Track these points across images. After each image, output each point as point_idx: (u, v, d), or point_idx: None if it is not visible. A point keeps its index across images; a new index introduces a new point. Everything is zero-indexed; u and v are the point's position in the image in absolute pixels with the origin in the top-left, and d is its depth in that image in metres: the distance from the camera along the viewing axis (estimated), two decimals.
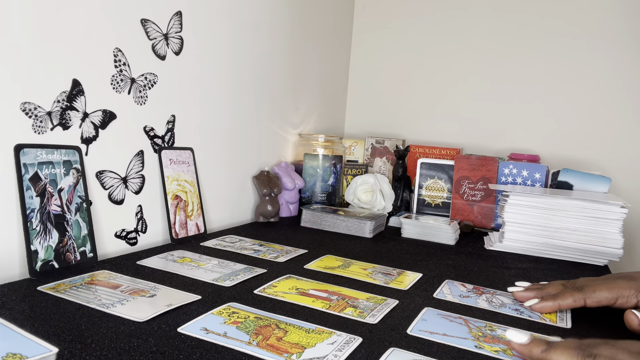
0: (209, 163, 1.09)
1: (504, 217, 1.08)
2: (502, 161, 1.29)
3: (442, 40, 1.62)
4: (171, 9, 0.94)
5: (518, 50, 1.51)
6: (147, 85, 0.91)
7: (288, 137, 1.41)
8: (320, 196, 1.36)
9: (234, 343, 0.54)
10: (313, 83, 1.53)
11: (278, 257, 0.91)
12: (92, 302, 0.63)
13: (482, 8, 1.55)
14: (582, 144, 1.45)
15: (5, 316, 0.57)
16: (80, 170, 0.79)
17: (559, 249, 1.04)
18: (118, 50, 0.84)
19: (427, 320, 0.65)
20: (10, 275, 0.70)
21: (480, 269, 0.93)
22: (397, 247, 1.06)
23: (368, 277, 0.82)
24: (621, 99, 1.40)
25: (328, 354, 0.54)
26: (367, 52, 1.74)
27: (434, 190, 1.37)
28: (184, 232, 0.97)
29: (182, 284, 0.73)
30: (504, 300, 0.75)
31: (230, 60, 1.12)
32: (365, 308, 0.68)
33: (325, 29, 1.57)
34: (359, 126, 1.77)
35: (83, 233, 0.78)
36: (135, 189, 0.91)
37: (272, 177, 1.23)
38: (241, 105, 1.18)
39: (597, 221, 1.02)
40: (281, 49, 1.32)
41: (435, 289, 0.78)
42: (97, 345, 0.52)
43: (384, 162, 1.56)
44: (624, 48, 1.38)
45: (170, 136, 0.98)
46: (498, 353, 0.57)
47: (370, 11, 1.73)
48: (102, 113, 0.83)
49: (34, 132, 0.73)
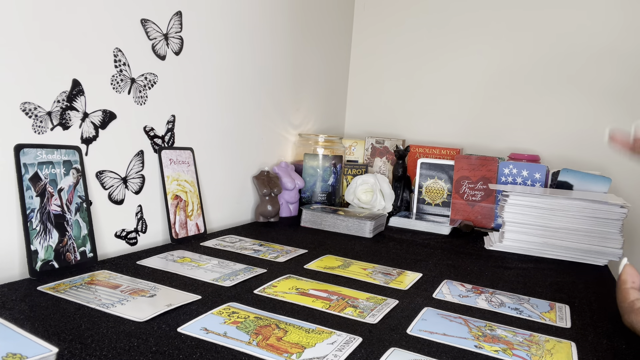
0: (209, 163, 1.09)
1: (504, 217, 1.08)
2: (502, 161, 1.29)
3: (442, 40, 1.62)
4: (171, 9, 0.94)
5: (518, 50, 1.51)
6: (147, 85, 0.91)
7: (288, 137, 1.41)
8: (320, 196, 1.36)
9: (234, 343, 0.54)
10: (313, 83, 1.53)
11: (278, 257, 0.91)
12: (92, 302, 0.63)
13: (482, 8, 1.55)
14: (582, 144, 1.45)
15: (5, 316, 0.57)
16: (80, 170, 0.79)
17: (559, 249, 1.04)
18: (118, 50, 0.84)
19: (427, 320, 0.65)
20: (10, 275, 0.70)
21: (480, 269, 0.93)
22: (397, 247, 1.06)
23: (368, 277, 0.82)
24: (621, 99, 1.40)
25: (328, 354, 0.54)
26: (367, 52, 1.74)
27: (434, 190, 1.37)
28: (184, 232, 0.97)
29: (182, 284, 0.73)
30: (503, 300, 0.75)
31: (230, 60, 1.12)
32: (365, 308, 0.68)
33: (326, 29, 1.57)
34: (359, 126, 1.77)
35: (83, 233, 0.78)
36: (135, 189, 0.91)
37: (272, 177, 1.23)
38: (241, 105, 1.18)
39: (597, 221, 1.02)
40: (281, 48, 1.32)
41: (435, 289, 0.78)
42: (97, 345, 0.52)
43: (384, 162, 1.56)
44: (624, 48, 1.38)
45: (170, 136, 0.98)
46: (498, 353, 0.57)
47: (370, 11, 1.73)
48: (102, 113, 0.83)
49: (34, 132, 0.73)
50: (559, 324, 0.67)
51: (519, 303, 0.74)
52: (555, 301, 0.77)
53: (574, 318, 0.70)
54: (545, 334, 0.63)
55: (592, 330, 0.66)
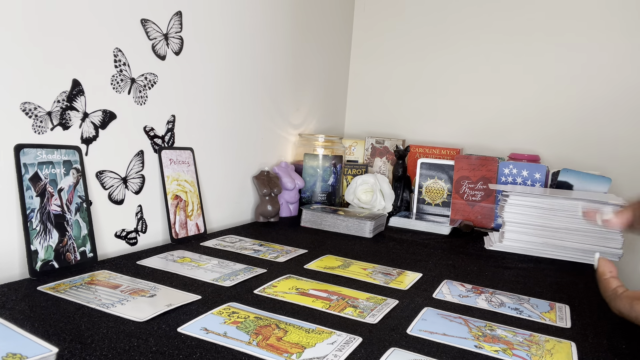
0: (209, 163, 1.09)
1: (504, 217, 1.08)
2: (502, 161, 1.29)
3: (442, 40, 1.62)
4: (171, 9, 0.94)
5: (518, 51, 1.51)
6: (147, 85, 0.91)
7: (288, 137, 1.41)
8: (320, 196, 1.36)
9: (234, 343, 0.54)
10: (313, 83, 1.53)
11: (278, 257, 0.91)
12: (92, 302, 0.63)
13: (482, 9, 1.55)
14: (582, 144, 1.45)
15: (5, 316, 0.57)
16: (80, 170, 0.79)
17: (559, 249, 1.04)
18: (118, 50, 0.84)
19: (427, 320, 0.65)
20: (10, 275, 0.70)
21: (480, 269, 0.93)
22: (397, 247, 1.06)
23: (368, 277, 0.82)
24: (621, 99, 1.40)
25: (328, 354, 0.54)
26: (367, 52, 1.74)
27: (434, 190, 1.37)
28: (184, 232, 0.97)
29: (182, 284, 0.73)
30: (503, 300, 0.75)
31: (231, 60, 1.12)
32: (365, 308, 0.68)
33: (326, 29, 1.57)
34: (359, 126, 1.77)
35: (83, 233, 0.78)
36: (135, 189, 0.91)
37: (272, 177, 1.23)
38: (241, 105, 1.18)
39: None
40: (281, 49, 1.32)
41: (435, 289, 0.78)
42: (97, 345, 0.52)
43: (384, 162, 1.56)
44: (625, 48, 1.38)
45: (170, 136, 0.98)
46: (498, 353, 0.57)
47: (370, 11, 1.73)
48: (102, 113, 0.83)
49: (34, 132, 0.73)
50: (559, 324, 0.67)
51: (519, 303, 0.74)
52: (555, 301, 0.77)
53: (574, 318, 0.70)
54: (545, 334, 0.63)
55: (592, 330, 0.66)
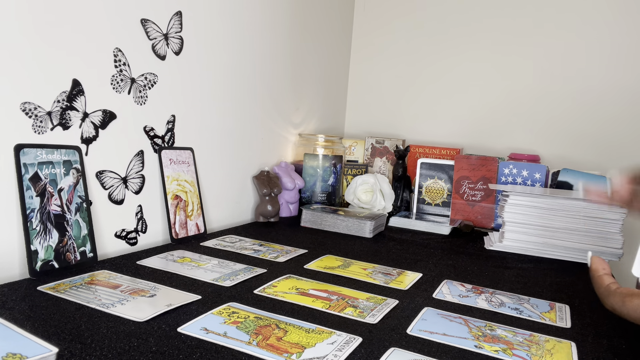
0: (209, 163, 1.09)
1: (504, 217, 1.08)
2: (502, 161, 1.29)
3: (441, 40, 1.62)
4: (171, 9, 0.94)
5: (518, 51, 1.51)
6: (147, 85, 0.91)
7: (288, 137, 1.41)
8: (320, 196, 1.36)
9: (234, 343, 0.54)
10: (313, 83, 1.53)
11: (278, 257, 0.91)
12: (92, 302, 0.63)
13: (482, 9, 1.55)
14: (582, 144, 1.45)
15: (5, 316, 0.57)
16: (80, 170, 0.79)
17: (559, 249, 1.04)
18: (118, 50, 0.84)
19: (427, 320, 0.65)
20: (10, 275, 0.70)
21: (480, 269, 0.93)
22: (397, 247, 1.06)
23: (368, 277, 0.82)
24: (621, 99, 1.40)
25: (328, 353, 0.54)
26: (367, 52, 1.74)
27: (434, 190, 1.37)
28: (184, 232, 0.97)
29: (182, 284, 0.73)
30: (503, 300, 0.75)
31: (230, 60, 1.12)
32: (365, 308, 0.68)
33: (326, 29, 1.57)
34: (359, 126, 1.77)
35: (83, 233, 0.78)
36: (135, 189, 0.91)
37: (272, 177, 1.23)
38: (241, 105, 1.18)
39: (597, 221, 1.02)
40: (281, 49, 1.32)
41: (435, 289, 0.78)
42: (97, 345, 0.52)
43: (384, 162, 1.56)
44: (625, 48, 1.38)
45: (170, 136, 0.98)
46: (498, 353, 0.57)
47: (370, 12, 1.73)
48: (102, 113, 0.83)
49: (34, 132, 0.73)
50: (559, 324, 0.67)
51: (519, 303, 0.74)
52: (555, 301, 0.77)
53: (574, 318, 0.70)
54: (545, 334, 0.63)
55: (592, 330, 0.66)
